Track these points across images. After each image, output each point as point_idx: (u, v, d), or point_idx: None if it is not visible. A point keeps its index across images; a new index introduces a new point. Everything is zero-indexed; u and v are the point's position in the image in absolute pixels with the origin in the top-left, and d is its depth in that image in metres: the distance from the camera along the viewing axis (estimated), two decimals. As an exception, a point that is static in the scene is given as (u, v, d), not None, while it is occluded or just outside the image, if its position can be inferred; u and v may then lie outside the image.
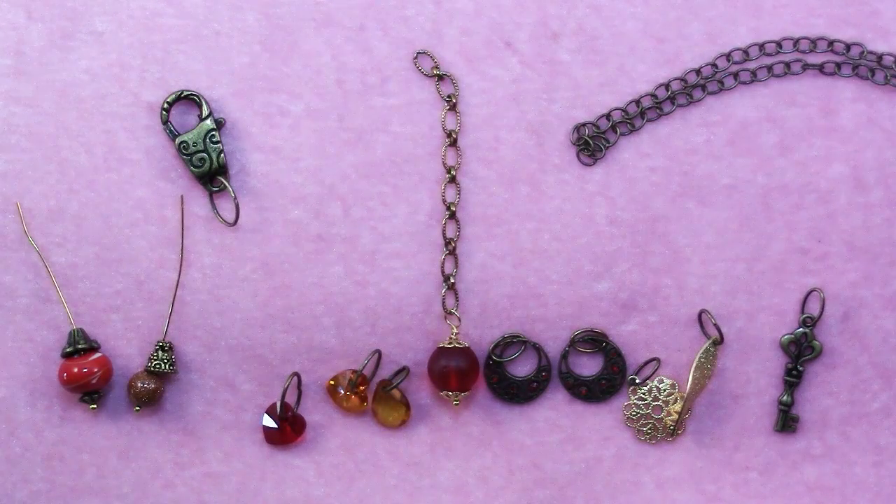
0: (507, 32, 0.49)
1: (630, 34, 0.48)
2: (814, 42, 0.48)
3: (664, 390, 0.48)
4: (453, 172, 0.48)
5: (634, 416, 0.49)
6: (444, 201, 0.48)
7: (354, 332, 0.48)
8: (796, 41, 0.48)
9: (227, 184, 0.48)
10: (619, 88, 0.48)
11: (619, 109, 0.48)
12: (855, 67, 0.48)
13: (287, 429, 0.47)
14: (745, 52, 0.48)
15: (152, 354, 0.47)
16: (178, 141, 0.48)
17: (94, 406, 0.47)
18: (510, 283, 0.48)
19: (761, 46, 0.48)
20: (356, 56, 0.48)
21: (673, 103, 0.48)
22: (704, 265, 0.48)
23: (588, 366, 0.49)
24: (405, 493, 0.48)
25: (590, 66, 0.48)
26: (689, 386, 0.47)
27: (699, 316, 0.48)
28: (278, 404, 0.47)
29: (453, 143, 0.48)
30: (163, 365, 0.47)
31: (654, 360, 0.49)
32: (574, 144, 0.48)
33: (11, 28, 0.48)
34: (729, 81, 0.48)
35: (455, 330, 0.48)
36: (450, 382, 0.47)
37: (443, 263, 0.48)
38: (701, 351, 0.47)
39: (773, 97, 0.48)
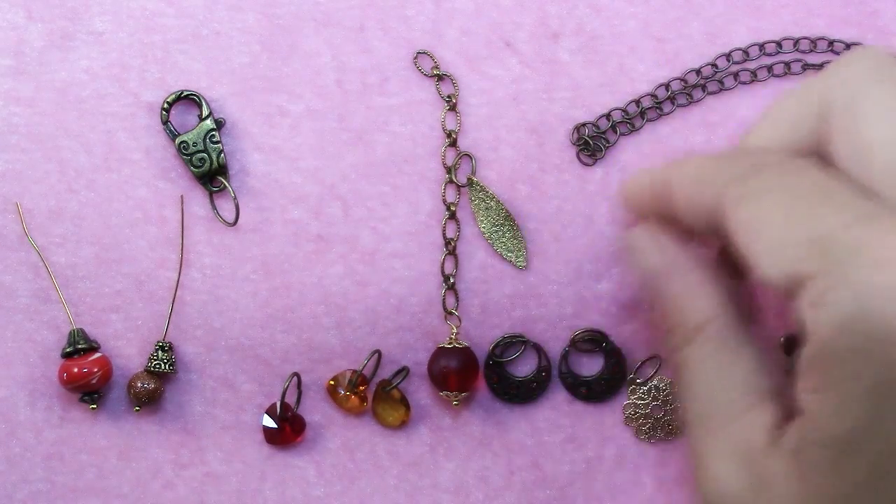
0: (507, 32, 0.49)
1: (630, 34, 0.48)
2: (814, 42, 0.48)
3: (664, 390, 0.48)
4: (453, 172, 0.48)
5: (634, 415, 0.49)
6: (444, 201, 0.48)
7: (354, 332, 0.48)
8: (796, 41, 0.48)
9: (227, 184, 0.48)
10: (619, 88, 0.48)
11: (619, 109, 0.48)
12: (855, 67, 0.48)
13: (287, 429, 0.47)
14: (745, 52, 0.48)
15: (152, 354, 0.47)
16: (178, 141, 0.48)
17: (94, 406, 0.47)
18: (510, 283, 0.48)
19: (761, 46, 0.48)
20: (356, 56, 0.49)
21: (673, 103, 0.48)
22: (704, 265, 0.48)
23: (588, 366, 0.49)
24: (405, 493, 0.48)
25: (590, 66, 0.48)
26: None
27: (699, 316, 0.48)
28: (278, 404, 0.47)
29: (453, 144, 0.48)
30: (163, 365, 0.47)
31: (654, 359, 0.49)
32: (574, 144, 0.48)
33: (11, 28, 0.48)
34: (729, 81, 0.48)
35: (455, 330, 0.48)
36: (449, 382, 0.47)
37: (443, 263, 0.48)
38: (701, 351, 0.47)
39: (773, 97, 0.48)
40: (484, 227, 0.48)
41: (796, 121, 0.38)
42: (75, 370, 0.46)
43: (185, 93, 0.48)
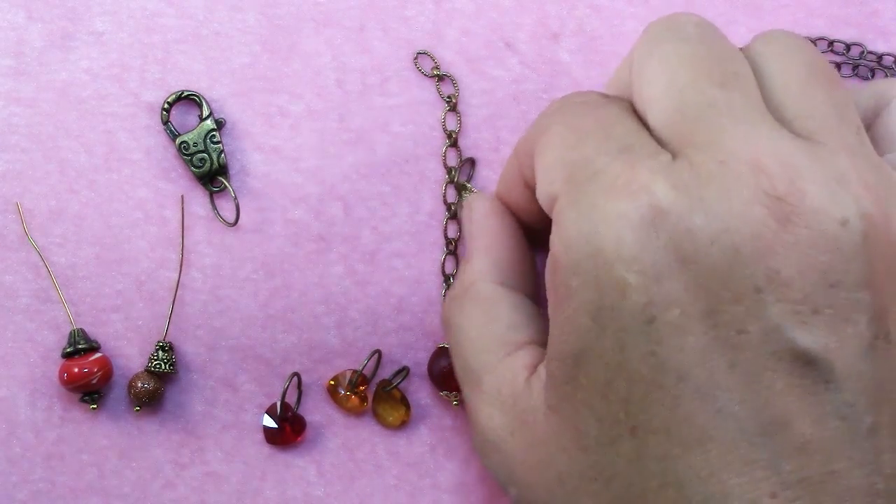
0: (507, 33, 0.49)
1: (630, 34, 0.49)
2: (814, 42, 0.48)
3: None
4: (454, 173, 0.48)
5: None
6: (444, 201, 0.48)
7: (355, 332, 0.48)
8: (796, 41, 0.48)
9: (227, 184, 0.48)
10: (619, 88, 0.49)
11: (619, 109, 0.48)
12: (855, 67, 0.48)
13: (287, 429, 0.47)
14: (745, 52, 0.48)
15: (152, 354, 0.47)
16: (178, 141, 0.48)
17: (94, 406, 0.47)
18: (510, 283, 0.48)
19: (761, 47, 0.48)
20: (356, 56, 0.49)
21: (673, 103, 0.48)
22: (704, 265, 0.48)
23: (588, 366, 0.49)
24: (405, 493, 0.48)
25: (590, 66, 0.48)
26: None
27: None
28: (278, 404, 0.47)
29: (454, 144, 0.48)
30: (163, 365, 0.47)
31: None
32: (574, 144, 0.48)
33: (11, 28, 0.48)
34: (729, 81, 0.48)
35: (455, 330, 0.48)
36: (449, 383, 0.47)
37: (443, 263, 0.48)
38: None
39: (772, 97, 0.48)
40: None
41: (624, 77, 0.40)
42: (75, 370, 0.46)
43: (186, 93, 0.48)
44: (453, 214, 0.48)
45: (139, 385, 0.47)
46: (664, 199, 0.33)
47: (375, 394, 0.48)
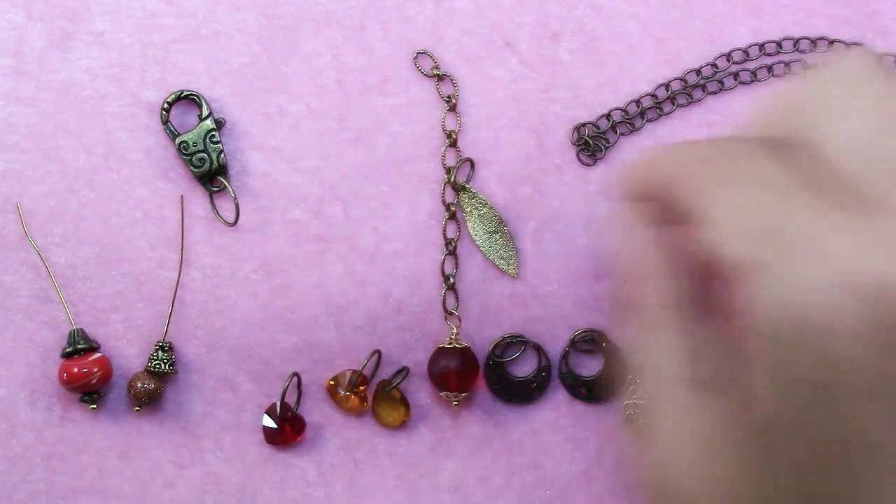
0: (507, 32, 0.49)
1: (630, 34, 0.48)
2: (814, 42, 0.48)
3: (664, 390, 0.48)
4: (453, 173, 0.48)
5: (634, 415, 0.48)
6: (443, 201, 0.48)
7: (354, 332, 0.48)
8: (796, 41, 0.48)
9: (227, 184, 0.48)
10: (619, 88, 0.48)
11: (619, 109, 0.48)
12: (855, 67, 0.48)
13: (287, 429, 0.47)
14: (745, 52, 0.48)
15: (152, 354, 0.47)
16: (178, 141, 0.48)
17: (94, 406, 0.47)
18: (510, 283, 0.48)
19: (761, 46, 0.48)
20: (356, 56, 0.49)
21: (673, 103, 0.48)
22: (704, 265, 0.48)
23: (588, 366, 0.49)
24: (405, 493, 0.48)
25: (590, 66, 0.48)
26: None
27: (699, 316, 0.48)
28: (278, 404, 0.47)
29: (453, 144, 0.48)
30: (163, 365, 0.47)
31: (654, 360, 0.49)
32: (574, 144, 0.48)
33: (11, 28, 0.48)
34: (729, 81, 0.49)
35: (455, 330, 0.48)
36: (449, 383, 0.47)
37: (443, 263, 0.48)
38: (701, 351, 0.47)
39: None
40: (476, 234, 0.48)
41: (786, 113, 0.39)
42: (75, 370, 0.46)
43: (185, 93, 0.48)
44: (452, 214, 0.48)
45: (139, 385, 0.47)
46: (857, 263, 0.33)
47: (375, 394, 0.48)
